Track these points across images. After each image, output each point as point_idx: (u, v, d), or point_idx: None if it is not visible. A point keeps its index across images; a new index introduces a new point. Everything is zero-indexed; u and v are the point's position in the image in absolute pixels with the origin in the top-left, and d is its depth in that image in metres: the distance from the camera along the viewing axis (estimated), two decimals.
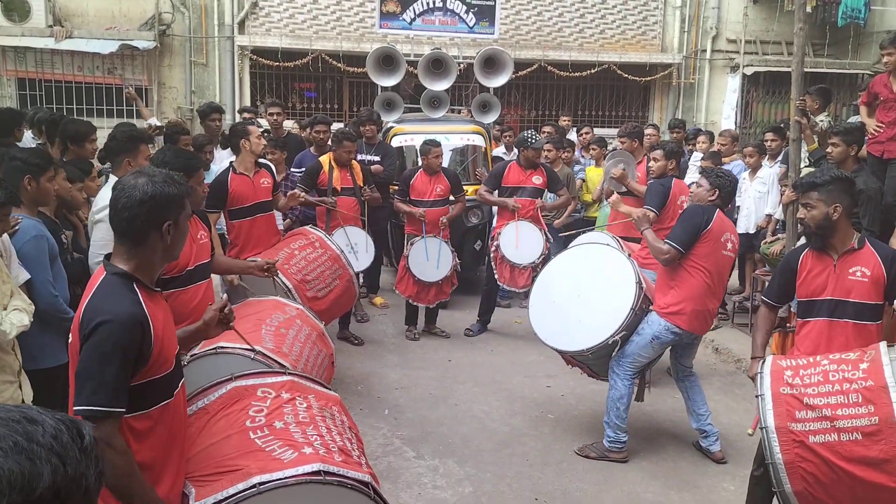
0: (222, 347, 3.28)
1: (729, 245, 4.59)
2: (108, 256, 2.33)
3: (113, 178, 4.20)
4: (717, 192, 4.61)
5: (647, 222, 4.85)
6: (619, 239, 6.16)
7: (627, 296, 4.64)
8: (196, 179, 3.92)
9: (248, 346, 3.20)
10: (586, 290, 4.86)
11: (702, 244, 4.47)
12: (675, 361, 4.92)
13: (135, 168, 3.68)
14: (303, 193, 6.11)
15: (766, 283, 4.02)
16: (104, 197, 4.08)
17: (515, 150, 8.23)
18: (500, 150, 9.37)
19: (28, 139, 7.06)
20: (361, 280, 7.40)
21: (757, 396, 3.16)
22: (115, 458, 2.09)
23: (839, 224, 3.46)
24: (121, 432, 2.14)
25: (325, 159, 6.64)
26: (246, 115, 8.27)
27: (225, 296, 2.81)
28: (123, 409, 2.13)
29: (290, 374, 2.80)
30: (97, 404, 2.08)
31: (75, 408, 2.10)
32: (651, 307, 4.68)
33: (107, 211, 2.37)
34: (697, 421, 4.82)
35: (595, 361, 4.86)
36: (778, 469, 3.00)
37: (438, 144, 6.92)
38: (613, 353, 4.67)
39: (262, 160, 5.74)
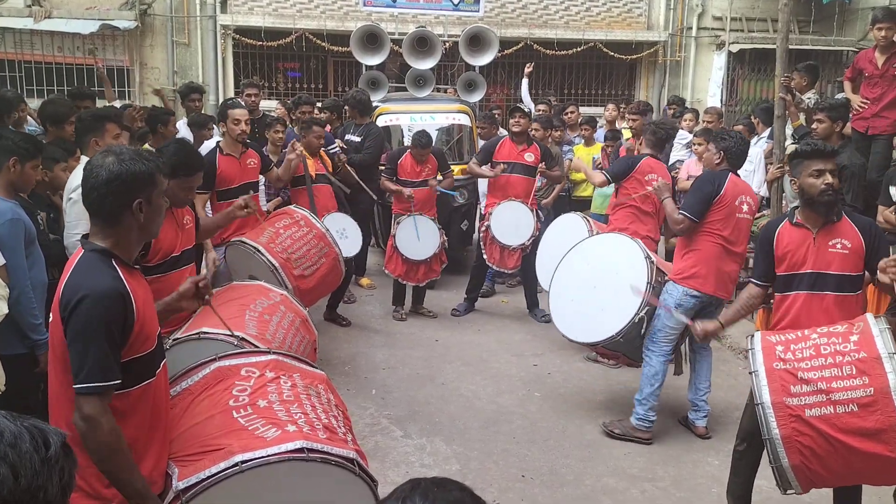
0: (205, 333, 3.25)
1: (745, 207, 4.59)
2: (85, 236, 2.31)
3: (84, 159, 4.14)
4: (722, 155, 4.62)
5: (668, 191, 4.88)
6: (590, 219, 6.21)
7: (640, 272, 4.69)
8: (191, 182, 3.80)
9: (229, 332, 3.17)
10: (600, 279, 4.87)
11: (715, 211, 4.50)
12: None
13: (102, 147, 3.61)
14: (300, 149, 6.05)
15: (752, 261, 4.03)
16: (76, 177, 4.03)
17: (503, 131, 8.20)
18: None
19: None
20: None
21: (750, 373, 3.17)
22: (102, 436, 2.10)
23: None
24: None
25: None
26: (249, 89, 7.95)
27: (204, 271, 2.78)
28: (119, 381, 2.14)
29: (274, 352, 2.78)
30: (93, 381, 2.09)
31: (74, 386, 2.10)
32: (667, 277, 4.71)
33: (80, 191, 2.33)
34: (694, 393, 4.84)
35: (628, 347, 4.83)
36: (775, 444, 3.00)
37: (427, 136, 6.85)
38: (642, 332, 4.68)
39: (247, 140, 5.69)
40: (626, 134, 7.86)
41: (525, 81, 9.42)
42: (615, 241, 5.06)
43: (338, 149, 7.15)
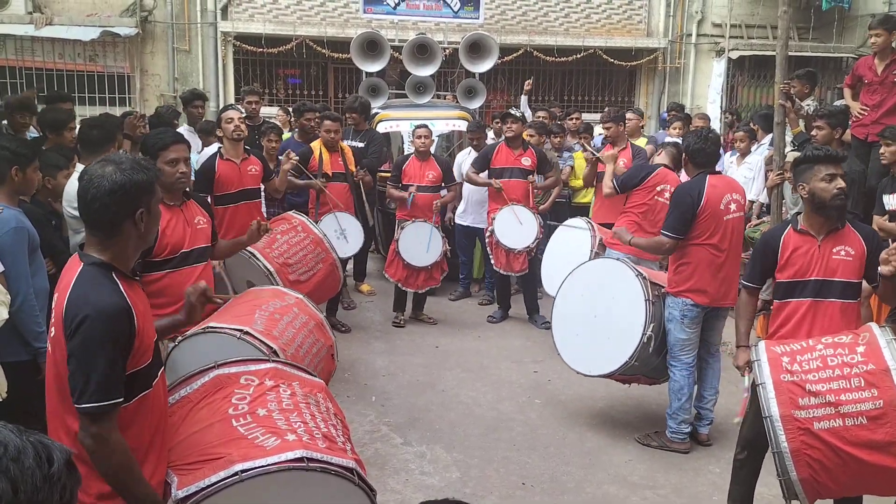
0: (211, 328, 3.27)
1: (732, 206, 4.48)
2: (81, 246, 2.29)
3: (80, 167, 4.13)
4: (685, 157, 4.58)
5: (629, 235, 4.82)
6: (593, 224, 6.20)
7: (636, 292, 4.60)
8: (171, 153, 3.70)
9: (238, 328, 3.20)
10: (598, 308, 4.78)
11: (700, 222, 4.41)
12: (703, 337, 4.75)
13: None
14: (295, 159, 6.00)
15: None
16: (74, 185, 4.03)
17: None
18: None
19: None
20: (350, 267, 7.38)
21: (757, 385, 3.14)
22: (113, 454, 2.10)
23: None
24: None
25: (315, 145, 6.64)
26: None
27: (203, 283, 2.77)
28: (122, 398, 2.14)
29: (273, 361, 2.78)
30: (99, 400, 2.08)
31: (78, 406, 2.09)
32: (664, 290, 4.65)
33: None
34: (699, 401, 4.79)
35: (645, 367, 4.76)
36: (784, 457, 2.98)
37: (425, 126, 6.93)
38: (651, 349, 4.60)
39: (248, 147, 5.69)
40: (638, 142, 7.74)
41: (524, 98, 9.45)
42: (602, 267, 4.96)
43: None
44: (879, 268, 3.22)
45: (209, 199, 5.43)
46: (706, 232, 4.44)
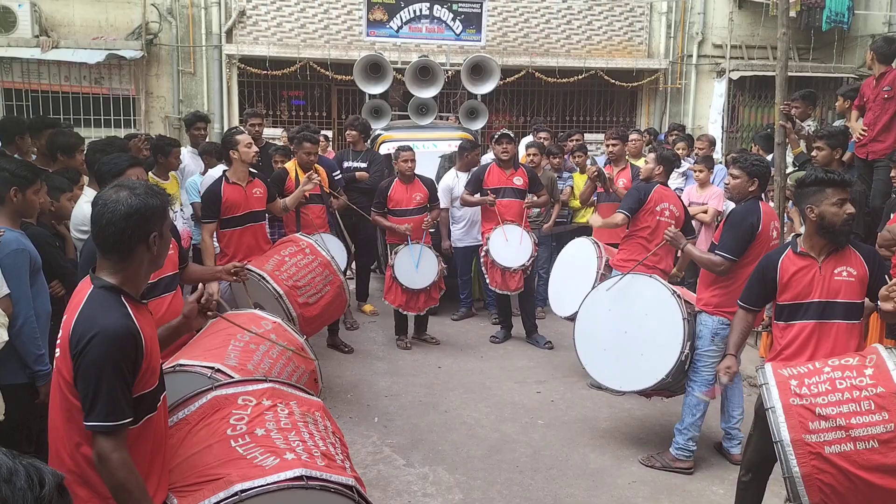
0: (181, 365, 3.20)
1: (774, 233, 4.49)
2: (93, 269, 2.31)
3: (89, 191, 4.15)
4: (756, 182, 4.46)
5: (683, 240, 4.77)
6: (600, 244, 6.19)
7: (673, 310, 4.57)
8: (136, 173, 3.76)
9: (247, 330, 3.16)
10: (630, 324, 4.74)
11: (753, 246, 4.37)
12: None
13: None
14: (316, 180, 6.07)
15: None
16: (84, 209, 4.03)
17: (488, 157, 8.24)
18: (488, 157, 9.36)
19: None
20: (352, 287, 7.38)
21: (768, 409, 3.11)
22: (113, 473, 2.10)
23: None
24: None
25: (290, 166, 6.65)
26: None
27: (201, 286, 2.78)
28: (131, 419, 2.15)
29: (271, 380, 2.78)
30: (107, 420, 2.09)
31: (87, 424, 2.10)
32: (697, 308, 4.62)
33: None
34: (727, 422, 4.77)
35: (674, 382, 4.73)
36: (796, 483, 2.94)
37: (409, 149, 6.89)
38: (686, 367, 4.57)
39: (254, 170, 5.71)
40: (638, 162, 7.75)
41: None
42: (635, 283, 4.87)
43: (341, 178, 7.19)
44: (879, 303, 3.20)
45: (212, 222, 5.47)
46: (755, 255, 4.36)
